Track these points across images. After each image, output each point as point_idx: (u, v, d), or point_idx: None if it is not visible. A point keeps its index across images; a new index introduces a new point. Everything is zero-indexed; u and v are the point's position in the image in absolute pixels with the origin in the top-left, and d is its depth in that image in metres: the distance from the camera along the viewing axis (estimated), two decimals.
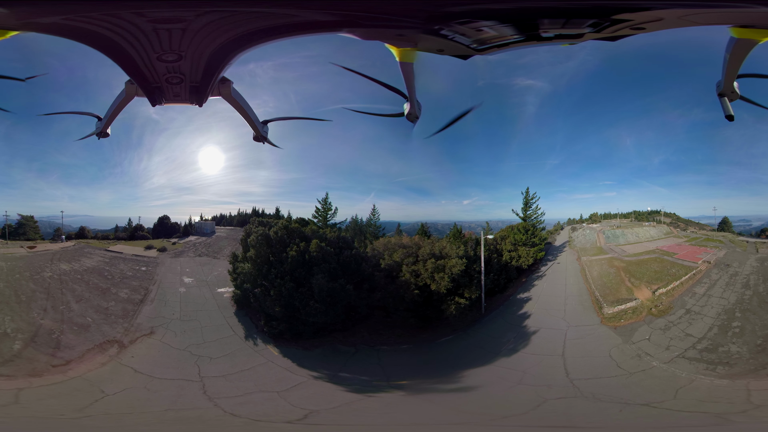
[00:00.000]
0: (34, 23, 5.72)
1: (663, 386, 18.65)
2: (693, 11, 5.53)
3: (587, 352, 23.51)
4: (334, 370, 24.41)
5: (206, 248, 43.00)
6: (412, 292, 30.96)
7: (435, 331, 30.56)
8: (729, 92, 8.01)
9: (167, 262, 37.94)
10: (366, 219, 43.66)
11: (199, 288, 33.48)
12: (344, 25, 5.86)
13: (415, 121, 8.70)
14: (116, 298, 29.25)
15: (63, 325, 24.20)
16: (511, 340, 27.29)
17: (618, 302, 27.75)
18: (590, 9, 5.52)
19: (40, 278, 28.76)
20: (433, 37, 6.05)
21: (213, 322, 28.96)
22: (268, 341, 27.26)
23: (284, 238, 30.53)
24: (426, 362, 26.31)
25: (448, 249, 32.76)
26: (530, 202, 40.97)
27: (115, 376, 21.03)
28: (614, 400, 17.78)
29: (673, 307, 25.24)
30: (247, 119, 9.28)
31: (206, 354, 24.99)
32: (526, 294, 34.67)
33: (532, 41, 6.14)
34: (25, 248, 34.73)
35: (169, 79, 6.76)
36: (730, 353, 20.09)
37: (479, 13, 5.64)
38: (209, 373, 22.68)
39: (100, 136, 9.46)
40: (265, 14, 5.63)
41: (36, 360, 20.82)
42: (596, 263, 35.68)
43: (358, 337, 29.05)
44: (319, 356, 26.36)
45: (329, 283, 27.91)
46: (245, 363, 24.49)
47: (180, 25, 5.53)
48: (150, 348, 24.83)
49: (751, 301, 23.96)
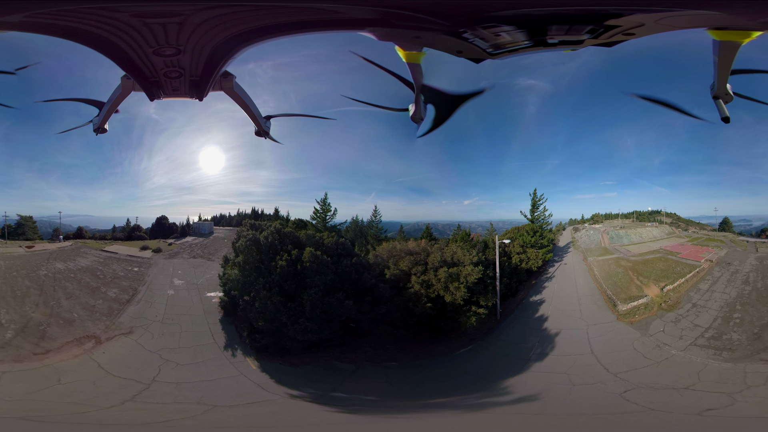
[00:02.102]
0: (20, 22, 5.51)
1: (687, 371, 20.99)
2: (668, 14, 5.56)
3: (614, 348, 24.86)
4: (324, 390, 22.65)
5: (202, 249, 42.62)
6: (423, 306, 28.43)
7: (450, 342, 28.74)
8: (723, 94, 8.03)
9: (160, 263, 37.65)
10: (367, 220, 43.07)
11: (188, 291, 33.03)
12: (376, 24, 5.81)
13: (420, 122, 8.68)
14: (104, 296, 29.80)
15: (51, 319, 25.62)
16: (536, 345, 27.15)
17: (630, 299, 29.17)
18: (586, 15, 5.61)
19: (36, 276, 29.89)
20: (454, 39, 6.07)
21: (195, 327, 28.19)
22: (250, 353, 25.71)
23: (275, 243, 27.91)
24: (454, 376, 24.67)
25: (460, 254, 30.62)
26: (537, 204, 40.54)
27: (79, 368, 22.25)
28: (666, 387, 19.76)
29: (680, 302, 27.28)
30: (249, 114, 9.16)
31: (175, 359, 24.34)
32: (539, 296, 34.44)
33: (539, 47, 6.27)
34: (24, 248, 34.95)
35: (168, 73, 6.62)
36: (732, 340, 22.70)
37: (503, 19, 5.68)
38: (164, 379, 22.18)
39: (98, 132, 9.29)
40: (276, 9, 5.52)
41: (22, 348, 22.73)
42: (604, 263, 36.55)
43: (360, 353, 26.73)
44: (308, 373, 24.51)
45: (324, 298, 25.30)
46: (211, 373, 23.42)
47: (177, 19, 5.40)
48: (123, 347, 25.21)
49: (750, 295, 26.27)
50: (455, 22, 5.65)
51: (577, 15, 5.61)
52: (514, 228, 41.38)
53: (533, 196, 40.78)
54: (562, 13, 5.61)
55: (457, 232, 42.14)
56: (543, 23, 5.75)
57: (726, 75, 7.64)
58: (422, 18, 5.62)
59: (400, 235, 42.37)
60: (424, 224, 42.01)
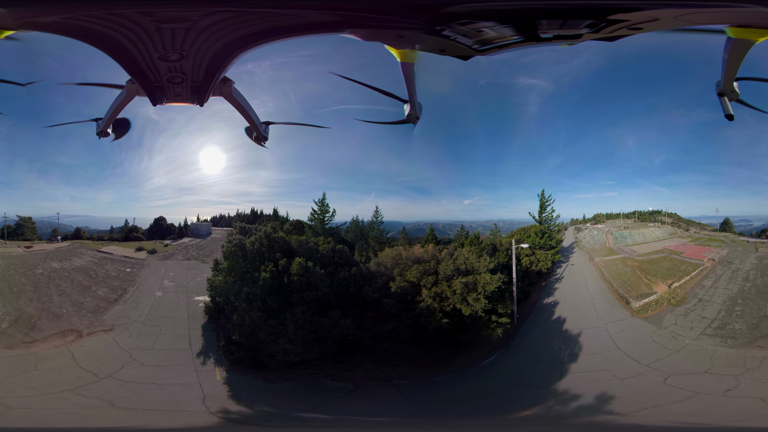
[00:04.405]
0: (35, 22, 5.66)
1: (702, 357, 23.73)
2: (688, 11, 5.52)
3: (636, 342, 26.72)
4: (293, 410, 20.87)
5: (197, 251, 42.19)
6: (438, 321, 25.95)
7: (470, 354, 27.48)
8: (728, 92, 8.06)
9: (153, 265, 37.76)
10: (368, 220, 42.66)
11: (176, 293, 33.11)
12: (346, 26, 5.86)
13: (415, 122, 8.64)
14: (94, 295, 30.88)
15: (42, 313, 27.50)
16: (562, 347, 27.61)
17: (641, 297, 31.03)
18: (586, 10, 5.52)
19: (32, 274, 31.33)
20: (435, 37, 6.05)
21: (174, 331, 28.23)
22: (224, 363, 24.95)
23: (262, 250, 25.68)
24: (494, 390, 23.68)
25: (473, 261, 28.50)
26: (545, 205, 39.78)
27: (56, 358, 24.06)
28: (692, 372, 22.31)
29: (687, 298, 29.81)
30: (248, 119, 9.20)
31: (142, 360, 24.76)
32: (551, 298, 34.67)
33: (531, 42, 6.20)
34: (22, 248, 35.42)
35: (171, 78, 6.69)
36: (735, 330, 25.60)
37: (479, 14, 5.61)
38: (119, 376, 22.96)
39: (101, 136, 9.38)
40: (269, 15, 5.58)
41: (14, 337, 24.97)
42: (611, 263, 37.65)
43: (360, 371, 24.48)
44: (285, 391, 22.63)
45: (314, 317, 22.50)
46: (167, 378, 23.18)
47: (184, 25, 5.47)
48: (100, 342, 26.29)
49: (750, 291, 29.06)
50: (425, 19, 5.58)
51: (573, 9, 5.53)
52: (519, 229, 41.17)
53: (541, 197, 40.02)
54: (554, 8, 5.52)
55: (461, 233, 41.86)
56: (532, 18, 5.66)
57: (734, 72, 7.63)
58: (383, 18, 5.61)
59: (402, 237, 41.80)
60: (425, 224, 41.84)
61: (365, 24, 5.77)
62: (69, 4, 5.24)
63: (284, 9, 5.47)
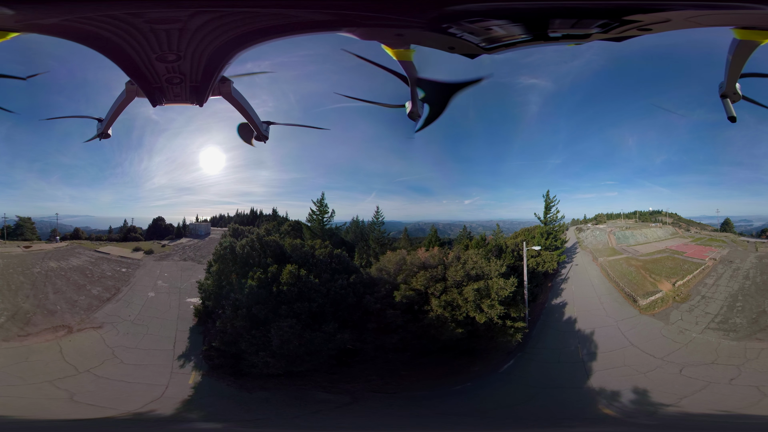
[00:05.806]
0: (35, 24, 5.66)
1: (708, 349, 25.25)
2: (699, 12, 5.52)
3: (647, 337, 27.87)
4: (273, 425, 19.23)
5: (194, 252, 42.00)
6: (451, 332, 24.37)
7: (486, 361, 26.41)
8: (731, 93, 8.02)
9: (149, 265, 37.82)
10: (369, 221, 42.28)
11: (168, 294, 33.14)
12: (343, 25, 5.81)
13: (417, 119, 8.61)
14: (88, 293, 31.58)
15: (37, 309, 28.53)
16: (579, 346, 28.15)
17: (647, 295, 32.22)
18: (602, 10, 5.45)
19: (30, 273, 32.18)
20: (442, 35, 5.97)
21: (161, 331, 28.27)
22: (203, 367, 24.19)
23: (252, 255, 24.31)
24: (530, 396, 22.85)
25: (483, 264, 27.22)
26: (550, 205, 39.66)
27: (46, 351, 24.97)
28: (702, 363, 23.78)
29: (691, 295, 31.21)
30: (247, 118, 9.18)
31: (122, 357, 25.16)
32: (559, 299, 35.00)
33: (539, 41, 6.12)
34: (21, 248, 35.77)
35: (170, 79, 6.68)
36: (736, 324, 27.14)
37: (491, 12, 5.56)
38: (97, 372, 23.55)
39: (102, 137, 9.39)
40: (264, 14, 5.54)
41: (10, 330, 26.17)
42: (615, 263, 38.38)
43: (360, 383, 22.57)
44: (260, 402, 21.27)
45: (305, 332, 20.48)
46: (138, 378, 23.16)
47: (176, 26, 5.43)
48: (87, 338, 27.00)
49: (749, 288, 30.49)
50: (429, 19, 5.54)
51: (589, 9, 5.48)
52: (524, 229, 41.04)
53: (546, 198, 39.92)
54: (569, 7, 5.47)
55: (464, 234, 41.71)
56: (545, 16, 5.61)
57: (737, 74, 7.63)
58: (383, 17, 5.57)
59: (404, 238, 41.18)
60: (425, 224, 41.82)
61: (362, 23, 5.74)
62: (68, 6, 5.23)
63: (279, 8, 5.47)
